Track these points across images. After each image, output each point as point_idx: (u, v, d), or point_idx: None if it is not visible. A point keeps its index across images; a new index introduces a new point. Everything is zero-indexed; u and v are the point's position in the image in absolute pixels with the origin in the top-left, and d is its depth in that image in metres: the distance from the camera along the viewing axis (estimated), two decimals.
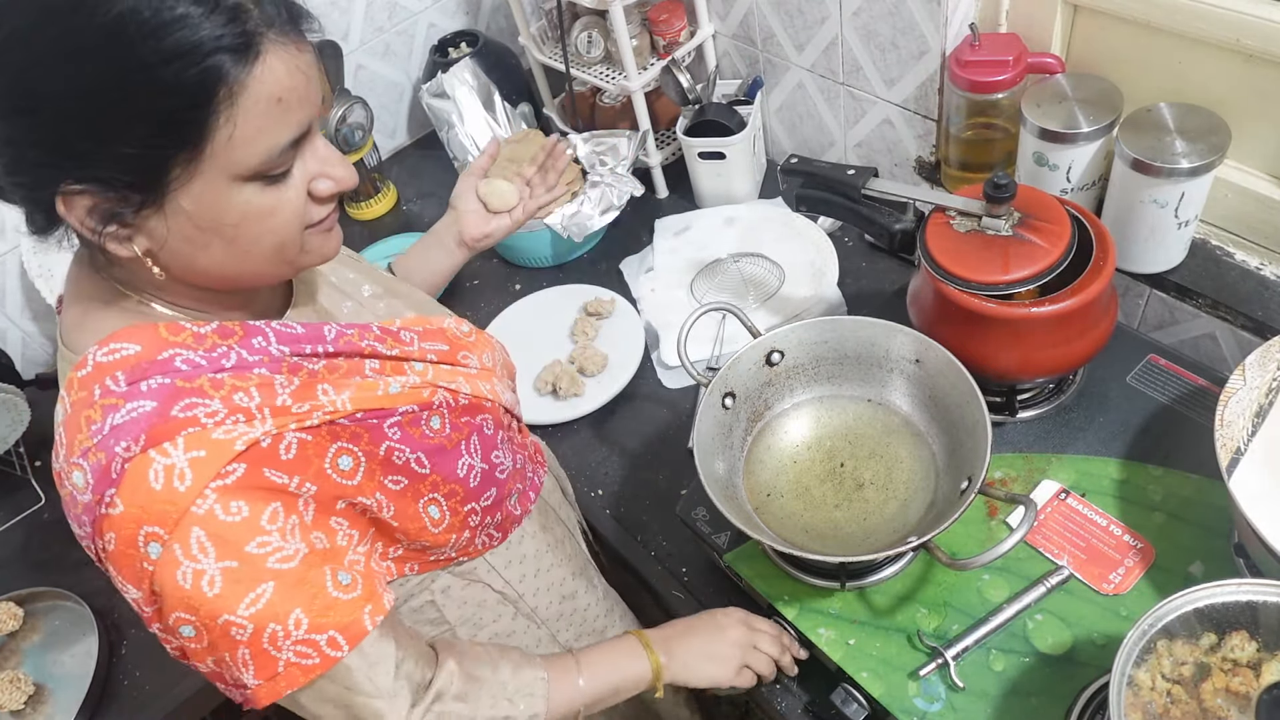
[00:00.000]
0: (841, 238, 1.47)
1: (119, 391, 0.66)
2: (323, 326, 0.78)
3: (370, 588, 0.74)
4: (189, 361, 0.68)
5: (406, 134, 1.97)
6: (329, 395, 0.74)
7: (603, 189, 1.49)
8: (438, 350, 0.87)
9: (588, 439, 1.33)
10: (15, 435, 1.41)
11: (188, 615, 0.67)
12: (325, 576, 0.71)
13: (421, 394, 0.81)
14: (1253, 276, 1.13)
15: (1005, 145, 1.27)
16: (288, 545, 0.68)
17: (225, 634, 0.67)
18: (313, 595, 0.69)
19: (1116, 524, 0.95)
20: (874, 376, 1.03)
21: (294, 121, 0.65)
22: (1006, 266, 0.95)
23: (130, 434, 0.64)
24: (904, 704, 0.88)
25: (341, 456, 0.74)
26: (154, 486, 0.64)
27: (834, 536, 0.95)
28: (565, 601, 1.05)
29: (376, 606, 0.74)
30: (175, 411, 0.66)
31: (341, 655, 0.71)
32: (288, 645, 0.69)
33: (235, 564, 0.66)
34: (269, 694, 0.70)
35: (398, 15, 1.81)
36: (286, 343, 0.75)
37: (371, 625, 0.72)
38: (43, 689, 1.22)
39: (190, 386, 0.67)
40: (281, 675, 0.69)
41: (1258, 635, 0.70)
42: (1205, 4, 1.00)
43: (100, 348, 0.67)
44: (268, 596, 0.67)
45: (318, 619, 0.69)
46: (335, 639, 0.70)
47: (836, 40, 1.37)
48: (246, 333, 0.73)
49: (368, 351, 0.80)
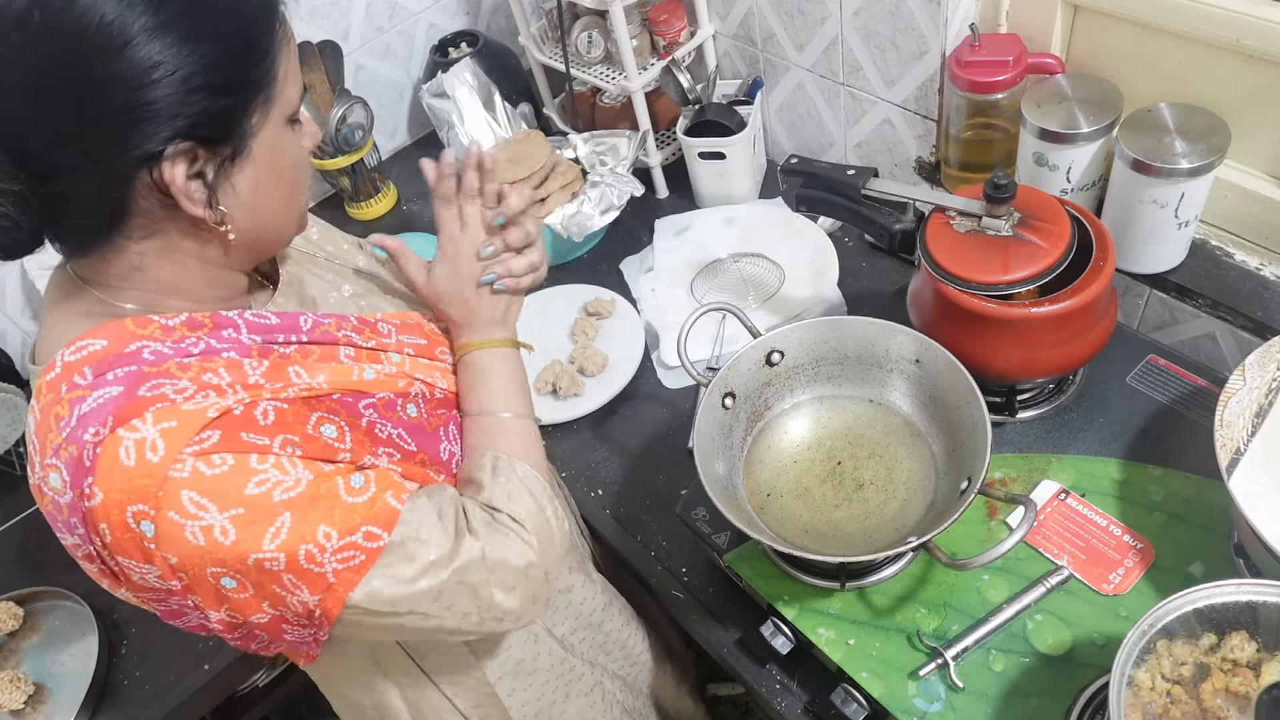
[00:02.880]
0: (841, 238, 1.47)
1: (85, 384, 0.65)
2: (299, 316, 0.78)
3: (385, 476, 0.74)
4: (155, 352, 0.68)
5: (406, 134, 1.97)
6: (302, 377, 0.74)
7: (603, 189, 1.49)
8: (415, 344, 0.87)
9: (588, 439, 1.33)
10: (15, 435, 1.41)
11: (219, 568, 0.66)
12: (338, 487, 0.70)
13: (397, 383, 0.81)
14: (1253, 277, 1.13)
15: (1005, 145, 1.27)
16: (288, 476, 0.68)
17: (261, 569, 0.67)
18: (331, 508, 0.69)
19: (1116, 524, 0.95)
20: (874, 376, 1.03)
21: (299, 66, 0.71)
22: (1006, 267, 0.95)
23: (98, 419, 0.64)
24: (904, 704, 0.88)
25: (324, 425, 0.73)
26: (126, 463, 0.63)
27: (834, 536, 0.95)
28: (560, 595, 1.05)
29: (398, 489, 0.73)
30: (143, 391, 0.65)
31: (384, 542, 0.70)
32: (328, 558, 0.68)
33: (242, 510, 0.65)
34: (334, 602, 0.70)
35: (398, 15, 1.81)
36: (258, 332, 0.75)
37: (399, 503, 0.72)
38: (43, 689, 1.22)
39: (157, 370, 0.67)
40: (336, 584, 0.69)
41: (1257, 635, 0.70)
42: (1205, 4, 1.00)
43: (68, 348, 0.67)
44: (288, 525, 0.67)
45: (345, 524, 0.69)
46: (371, 531, 0.70)
47: (837, 40, 1.37)
48: (216, 324, 0.72)
49: (343, 340, 0.80)
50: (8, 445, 1.41)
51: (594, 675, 1.11)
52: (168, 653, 1.23)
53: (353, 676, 0.94)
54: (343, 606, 0.70)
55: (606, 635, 1.16)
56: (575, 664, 1.07)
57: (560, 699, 1.06)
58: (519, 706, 1.00)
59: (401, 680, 0.93)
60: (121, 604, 1.28)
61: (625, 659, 1.21)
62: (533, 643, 1.01)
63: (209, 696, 1.22)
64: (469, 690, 0.96)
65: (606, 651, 1.17)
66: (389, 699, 0.94)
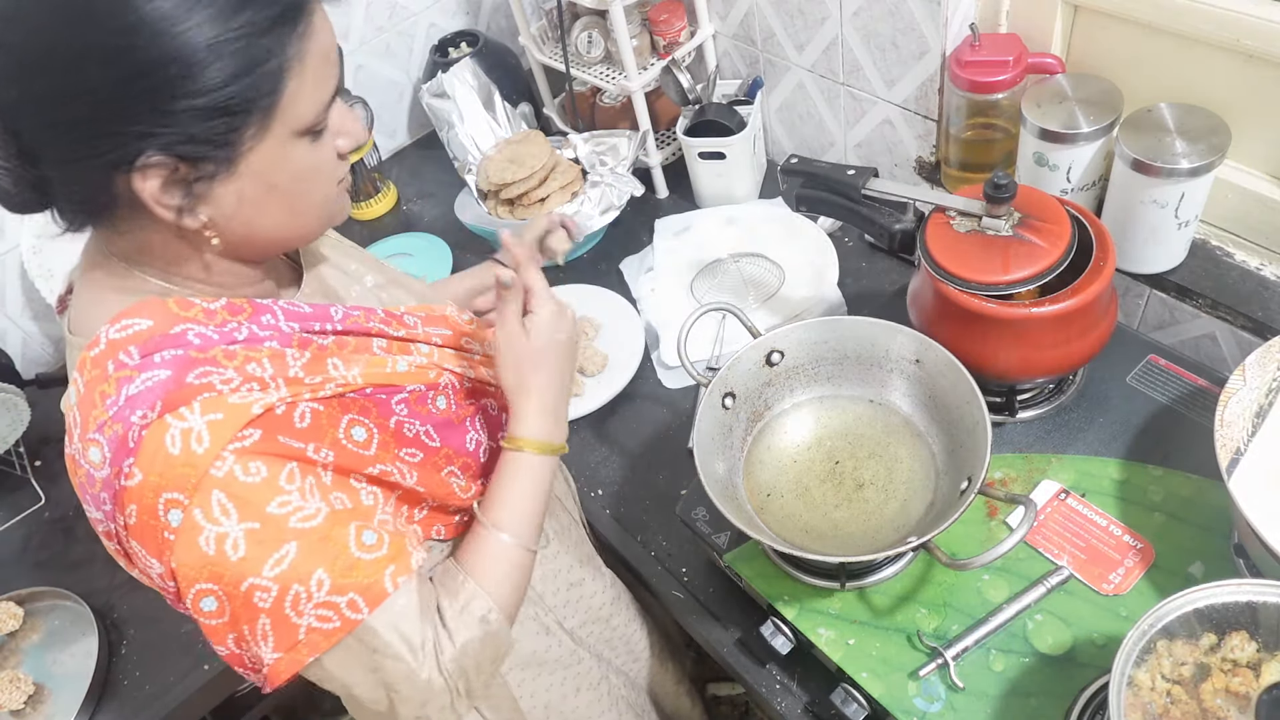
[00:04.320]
0: (841, 238, 1.47)
1: (133, 364, 0.66)
2: (329, 307, 0.79)
3: (398, 546, 0.73)
4: (201, 335, 0.69)
5: (406, 134, 1.97)
6: (339, 370, 0.75)
7: (603, 189, 1.49)
8: (442, 335, 0.88)
9: (588, 439, 1.33)
10: (15, 435, 1.41)
11: (210, 585, 0.66)
12: (349, 535, 0.70)
13: (428, 374, 0.82)
14: (1253, 277, 1.13)
15: (1005, 145, 1.27)
16: (308, 505, 0.68)
17: (248, 602, 0.67)
18: (335, 554, 0.69)
19: (1116, 524, 0.95)
20: (874, 376, 1.03)
21: (334, 75, 0.69)
22: (1006, 266, 0.95)
23: (146, 402, 0.64)
24: (904, 704, 0.88)
25: (355, 428, 0.74)
26: (171, 451, 0.64)
27: (834, 536, 0.95)
28: (572, 589, 1.05)
29: (401, 566, 0.73)
30: (191, 379, 0.66)
31: (362, 618, 0.70)
32: (309, 609, 0.68)
33: (257, 525, 0.66)
34: (290, 665, 0.69)
35: (398, 15, 1.81)
36: (295, 320, 0.75)
37: (393, 587, 0.72)
38: (43, 689, 1.22)
39: (204, 357, 0.68)
40: (303, 643, 0.69)
41: (1257, 636, 0.70)
42: (1205, 4, 1.00)
43: (112, 325, 0.68)
44: (291, 557, 0.67)
45: (340, 579, 0.69)
46: (355, 601, 0.70)
47: (837, 40, 1.37)
48: (255, 310, 0.73)
49: (375, 331, 0.81)
50: (8, 445, 1.41)
51: (601, 670, 1.12)
52: (168, 653, 1.23)
53: None
54: (293, 674, 0.70)
55: (614, 630, 1.16)
56: (584, 657, 1.08)
57: (571, 692, 1.06)
58: (528, 697, 1.01)
59: None
60: (122, 604, 1.29)
61: (629, 655, 1.21)
62: (545, 635, 1.01)
63: (209, 696, 1.22)
64: None
65: (612, 647, 1.17)
66: None
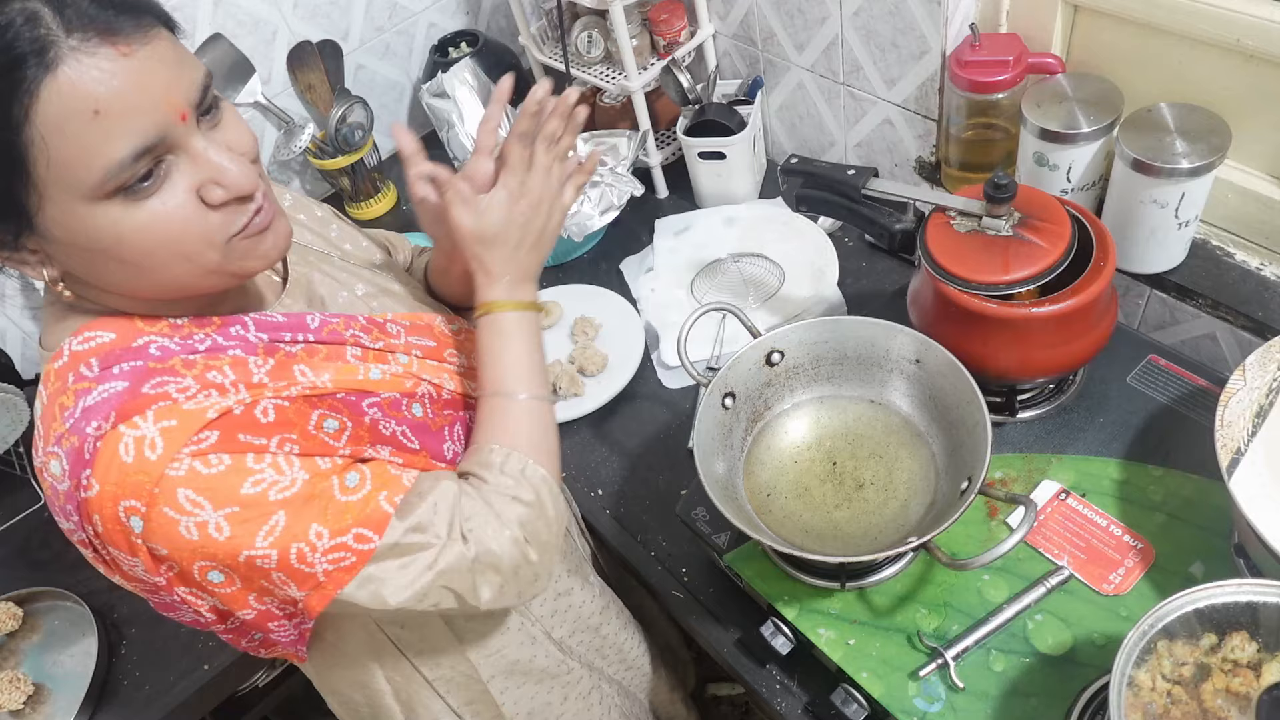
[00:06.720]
0: (841, 238, 1.47)
1: (92, 376, 0.66)
2: (306, 316, 0.78)
3: (381, 473, 0.73)
4: (163, 348, 0.68)
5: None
6: (307, 375, 0.74)
7: (603, 189, 1.49)
8: (424, 346, 0.87)
9: (588, 439, 1.33)
10: (15, 435, 1.41)
11: (209, 562, 0.66)
12: (332, 486, 0.70)
13: (403, 384, 0.81)
14: (1253, 277, 1.13)
15: (1005, 145, 1.27)
16: (284, 476, 0.68)
17: (252, 565, 0.67)
18: (324, 507, 0.69)
19: (1116, 524, 0.95)
20: (874, 376, 1.03)
21: (129, 131, 0.58)
22: (1006, 266, 0.95)
23: (100, 413, 0.64)
24: (904, 704, 0.88)
25: (326, 420, 0.73)
26: (125, 460, 0.63)
27: (834, 537, 0.95)
28: (560, 598, 1.05)
29: (392, 488, 0.73)
30: (146, 389, 0.65)
31: (374, 545, 0.70)
32: (319, 558, 0.68)
33: (236, 508, 0.66)
34: (319, 600, 0.70)
35: (398, 15, 1.81)
36: (266, 330, 0.75)
37: (391, 507, 0.72)
38: (42, 689, 1.22)
39: (162, 367, 0.67)
40: (325, 583, 0.69)
41: (1258, 636, 0.70)
42: (1205, 4, 1.00)
43: (75, 337, 0.67)
44: (282, 524, 0.67)
45: (337, 525, 0.69)
46: (362, 534, 0.70)
47: (837, 40, 1.37)
48: (224, 322, 0.73)
49: (350, 340, 0.80)
50: (7, 445, 1.41)
51: (591, 679, 1.11)
52: (168, 653, 1.23)
53: (346, 674, 0.94)
54: (329, 603, 0.70)
55: (604, 639, 1.16)
56: (573, 666, 1.07)
57: (557, 701, 1.06)
58: (512, 705, 1.01)
59: (394, 678, 0.93)
60: (121, 604, 1.29)
61: (621, 663, 1.21)
62: (530, 644, 1.01)
63: (209, 696, 1.22)
64: (461, 688, 0.97)
65: (603, 655, 1.17)
66: (382, 697, 0.94)
